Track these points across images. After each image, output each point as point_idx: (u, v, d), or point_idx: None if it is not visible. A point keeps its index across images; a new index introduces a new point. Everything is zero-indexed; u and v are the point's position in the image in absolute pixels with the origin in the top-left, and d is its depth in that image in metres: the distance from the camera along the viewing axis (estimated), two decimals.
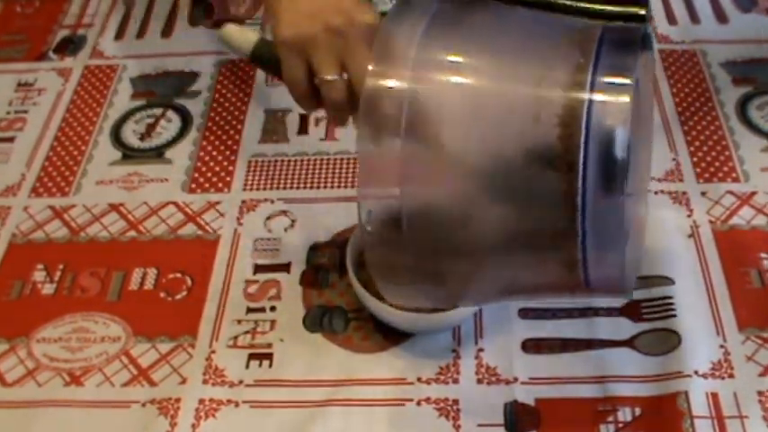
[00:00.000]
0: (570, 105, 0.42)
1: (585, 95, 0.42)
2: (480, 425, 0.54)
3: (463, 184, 0.45)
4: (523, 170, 0.43)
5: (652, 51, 0.49)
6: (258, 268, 0.64)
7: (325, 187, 0.69)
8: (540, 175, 0.42)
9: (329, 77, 0.50)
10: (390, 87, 0.44)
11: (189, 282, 0.63)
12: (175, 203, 0.69)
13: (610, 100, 0.42)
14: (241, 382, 0.57)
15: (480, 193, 0.45)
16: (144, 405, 0.56)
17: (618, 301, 0.60)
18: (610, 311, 0.59)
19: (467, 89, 0.45)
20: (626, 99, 0.41)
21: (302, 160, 0.71)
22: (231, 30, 0.55)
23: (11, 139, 0.75)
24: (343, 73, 0.50)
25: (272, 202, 0.68)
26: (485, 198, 0.45)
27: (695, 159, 0.69)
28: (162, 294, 0.62)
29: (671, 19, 0.83)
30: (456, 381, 0.56)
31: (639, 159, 0.53)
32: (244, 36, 0.54)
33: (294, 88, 0.52)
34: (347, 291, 0.61)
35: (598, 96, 0.42)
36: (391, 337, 0.59)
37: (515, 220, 0.45)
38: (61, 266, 0.65)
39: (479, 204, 0.45)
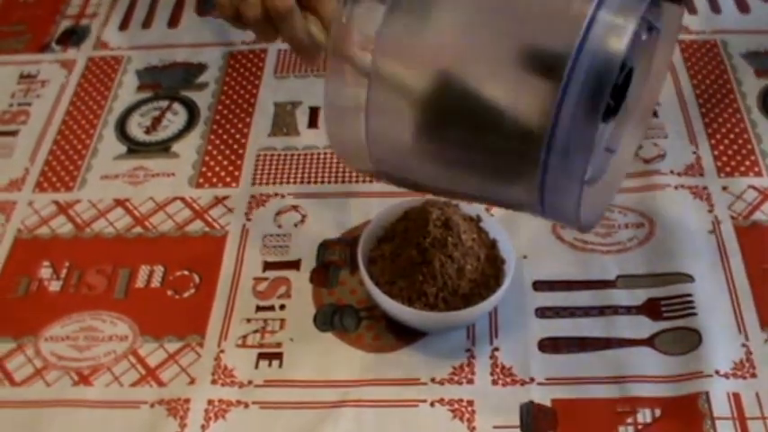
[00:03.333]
0: (575, 18, 0.42)
1: (590, 11, 0.42)
2: (496, 426, 0.53)
3: (443, 59, 0.45)
4: (512, 67, 0.44)
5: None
6: (267, 265, 0.62)
7: (336, 182, 0.68)
8: (526, 78, 0.43)
9: None
10: None
11: (196, 279, 0.62)
12: (182, 199, 0.67)
13: (616, 22, 0.42)
14: (250, 382, 0.56)
15: (460, 75, 0.45)
16: (153, 406, 0.55)
17: (637, 300, 0.59)
18: (629, 310, 0.58)
19: None
20: (631, 24, 0.42)
21: (313, 154, 0.70)
22: None
23: (14, 133, 0.74)
24: None
25: (282, 197, 0.67)
26: (463, 81, 0.45)
27: (716, 153, 0.68)
28: (169, 292, 0.61)
29: (691, 8, 0.81)
30: (470, 381, 0.55)
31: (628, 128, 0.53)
32: None
33: (221, 10, 0.55)
34: (358, 288, 0.60)
35: (604, 15, 0.42)
36: (404, 336, 0.57)
37: (486, 115, 0.45)
38: (67, 263, 0.63)
39: (456, 85, 0.45)
